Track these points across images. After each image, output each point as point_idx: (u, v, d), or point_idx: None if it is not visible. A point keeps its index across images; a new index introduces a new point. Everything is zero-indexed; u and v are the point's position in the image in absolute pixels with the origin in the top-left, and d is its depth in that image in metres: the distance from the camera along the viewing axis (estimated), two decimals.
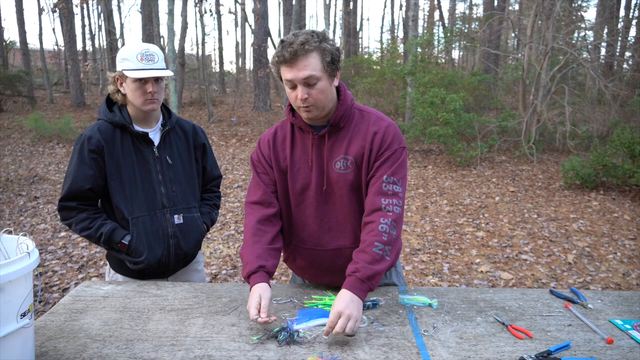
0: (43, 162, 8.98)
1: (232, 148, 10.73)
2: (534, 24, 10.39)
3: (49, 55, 23.45)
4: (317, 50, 1.49)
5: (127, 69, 1.77)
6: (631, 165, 7.00)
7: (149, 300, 1.69)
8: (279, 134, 1.73)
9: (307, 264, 1.77)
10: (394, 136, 1.63)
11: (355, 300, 1.43)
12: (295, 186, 1.68)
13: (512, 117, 10.06)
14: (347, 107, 1.64)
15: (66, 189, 1.80)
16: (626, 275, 4.31)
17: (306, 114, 1.57)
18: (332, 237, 1.69)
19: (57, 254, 4.65)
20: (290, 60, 1.48)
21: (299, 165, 1.67)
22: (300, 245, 1.74)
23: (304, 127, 1.65)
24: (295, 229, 1.73)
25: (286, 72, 1.51)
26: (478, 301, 1.70)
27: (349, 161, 1.62)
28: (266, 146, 1.73)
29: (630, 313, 1.62)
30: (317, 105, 1.55)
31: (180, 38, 14.01)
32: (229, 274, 4.27)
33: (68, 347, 1.37)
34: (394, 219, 1.54)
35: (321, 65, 1.50)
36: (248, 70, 29.73)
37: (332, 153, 1.64)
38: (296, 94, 1.52)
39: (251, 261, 1.58)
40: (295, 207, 1.71)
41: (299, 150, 1.68)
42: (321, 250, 1.71)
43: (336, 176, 1.63)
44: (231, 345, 1.38)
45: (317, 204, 1.68)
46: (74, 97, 15.85)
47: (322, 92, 1.53)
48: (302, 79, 1.49)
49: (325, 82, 1.53)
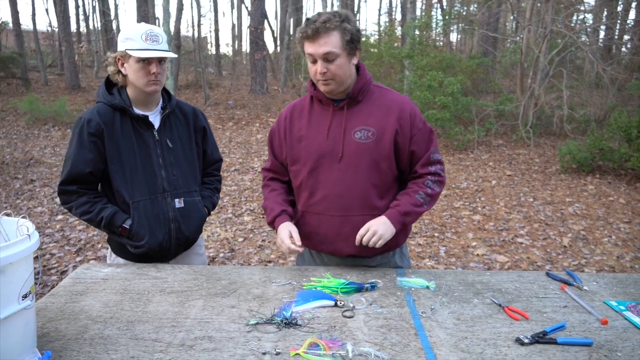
0: (39, 145, 8.93)
1: (229, 131, 10.69)
2: (533, 6, 10.30)
3: (43, 36, 23.10)
4: (337, 29, 1.62)
5: (131, 48, 1.74)
6: (627, 149, 7.03)
7: (148, 282, 1.70)
8: (298, 106, 1.88)
9: (313, 230, 1.83)
10: (418, 112, 1.80)
11: (387, 223, 1.67)
12: (309, 153, 1.78)
13: (509, 101, 10.04)
14: (365, 82, 1.76)
15: (66, 173, 1.79)
16: (620, 258, 4.35)
17: (324, 87, 1.70)
18: (342, 203, 1.76)
19: (55, 236, 4.65)
20: (312, 36, 1.62)
21: (314, 134, 1.78)
22: (308, 211, 1.83)
23: (323, 100, 1.77)
24: (306, 195, 1.82)
25: (308, 47, 1.65)
26: (475, 283, 1.72)
27: (371, 132, 1.73)
28: (283, 119, 1.88)
29: (624, 294, 1.64)
30: (335, 80, 1.67)
31: (175, 19, 13.84)
32: (226, 257, 4.29)
33: (69, 328, 1.38)
34: (438, 179, 1.79)
35: (341, 43, 1.63)
36: (244, 53, 29.44)
37: (352, 123, 1.74)
38: (316, 68, 1.66)
39: (274, 208, 1.84)
40: (308, 174, 1.79)
41: (316, 121, 1.80)
42: (329, 216, 1.78)
43: (355, 145, 1.73)
44: (231, 326, 1.40)
45: (331, 171, 1.76)
46: (69, 79, 15.68)
47: (340, 68, 1.65)
48: (322, 54, 1.62)
49: (343, 59, 1.65)
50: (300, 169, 1.82)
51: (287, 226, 1.78)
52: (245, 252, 4.41)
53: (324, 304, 1.53)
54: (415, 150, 1.77)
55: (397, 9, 29.94)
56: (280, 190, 1.93)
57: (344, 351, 1.27)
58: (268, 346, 1.29)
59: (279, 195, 1.90)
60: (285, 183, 1.95)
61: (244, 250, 4.45)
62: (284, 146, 1.86)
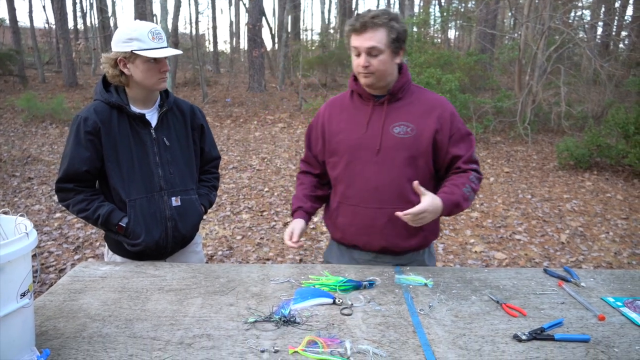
0: (36, 142, 8.91)
1: (227, 129, 10.68)
2: (531, 3, 10.29)
3: (40, 33, 23.00)
4: (385, 26, 1.66)
5: (139, 49, 1.72)
6: (625, 146, 7.04)
7: (147, 280, 1.70)
8: (337, 101, 1.94)
9: (348, 221, 1.86)
10: (457, 113, 1.84)
11: (438, 210, 1.65)
12: (348, 146, 1.82)
13: (507, 98, 10.04)
14: (406, 80, 1.81)
15: (63, 171, 1.79)
16: (618, 254, 4.37)
17: (364, 79, 1.74)
18: (377, 197, 1.79)
19: (53, 235, 4.65)
20: (359, 29, 1.67)
21: (353, 127, 1.82)
22: (344, 202, 1.86)
23: (364, 94, 1.82)
24: (342, 187, 1.86)
25: (354, 40, 1.69)
26: (473, 280, 1.72)
27: (410, 128, 1.76)
28: (322, 113, 1.94)
29: (621, 291, 1.65)
30: (375, 74, 1.71)
31: (173, 16, 13.79)
32: (225, 254, 4.29)
33: (68, 327, 1.39)
34: (478, 177, 1.81)
35: (386, 40, 1.67)
36: (242, 50, 29.37)
37: (391, 118, 1.78)
38: (359, 61, 1.70)
39: (294, 203, 1.97)
40: (345, 166, 1.83)
41: (355, 114, 1.84)
42: (364, 208, 1.81)
43: (393, 140, 1.76)
44: (229, 324, 1.40)
45: (367, 164, 1.79)
46: (66, 76, 15.62)
47: (382, 64, 1.69)
48: (366, 48, 1.67)
49: (387, 56, 1.69)
50: (338, 161, 1.86)
51: (295, 223, 1.90)
52: (243, 250, 4.41)
53: (323, 301, 1.53)
54: (456, 150, 1.79)
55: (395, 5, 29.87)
56: (307, 185, 2.01)
57: (343, 349, 1.27)
58: (266, 344, 1.29)
59: (302, 191, 2.00)
60: (316, 177, 2.03)
61: (242, 248, 4.45)
62: (319, 140, 1.93)
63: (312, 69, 16.63)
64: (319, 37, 21.11)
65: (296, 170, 7.25)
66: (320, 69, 17.04)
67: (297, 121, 11.49)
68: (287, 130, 10.69)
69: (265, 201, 5.81)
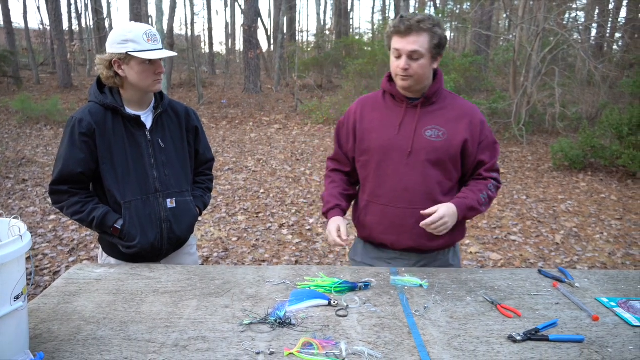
0: (31, 144, 8.87)
1: (223, 130, 10.67)
2: (526, 4, 10.34)
3: (34, 34, 22.90)
4: (428, 31, 1.70)
5: (135, 50, 1.72)
6: (619, 147, 7.08)
7: (142, 282, 1.70)
8: (369, 100, 1.95)
9: (377, 220, 1.89)
10: (486, 121, 1.88)
11: (455, 215, 1.73)
12: (379, 146, 1.84)
13: (502, 99, 10.08)
14: (441, 86, 1.85)
15: (57, 173, 1.78)
16: (612, 255, 4.39)
17: (402, 82, 1.76)
18: (407, 197, 1.82)
19: (47, 237, 4.63)
20: (403, 32, 1.70)
21: (385, 128, 1.84)
22: (373, 201, 1.89)
23: (397, 96, 1.84)
24: (372, 186, 1.89)
25: (397, 42, 1.72)
26: (468, 281, 1.73)
27: (442, 132, 1.80)
28: (353, 112, 1.95)
29: (615, 291, 1.66)
30: (414, 78, 1.74)
31: (168, 18, 13.79)
32: (220, 256, 4.28)
33: (62, 329, 1.38)
34: (497, 185, 1.87)
35: (428, 45, 1.71)
36: (238, 52, 29.36)
37: (424, 122, 1.81)
38: (399, 63, 1.73)
39: (330, 200, 1.96)
40: (376, 165, 1.86)
41: (388, 115, 1.86)
42: (394, 207, 1.84)
43: (425, 142, 1.79)
44: (225, 326, 1.40)
45: (398, 165, 1.82)
46: (61, 78, 15.57)
47: (421, 68, 1.73)
48: (409, 52, 1.70)
49: (426, 61, 1.73)
50: (368, 160, 1.88)
51: (337, 220, 1.90)
52: (239, 251, 4.40)
53: (318, 303, 1.53)
54: (481, 156, 1.85)
55: (391, 7, 29.98)
56: (339, 183, 2.02)
57: (338, 350, 1.27)
58: (262, 346, 1.29)
59: (336, 188, 2.00)
60: (346, 175, 2.04)
61: (237, 249, 4.44)
62: (350, 137, 1.94)
63: (308, 71, 16.66)
64: (315, 39, 21.14)
65: (292, 171, 7.25)
66: (315, 70, 17.07)
67: (292, 122, 11.49)
68: (283, 131, 10.69)
69: (261, 203, 5.81)
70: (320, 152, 8.60)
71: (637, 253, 4.43)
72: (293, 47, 16.72)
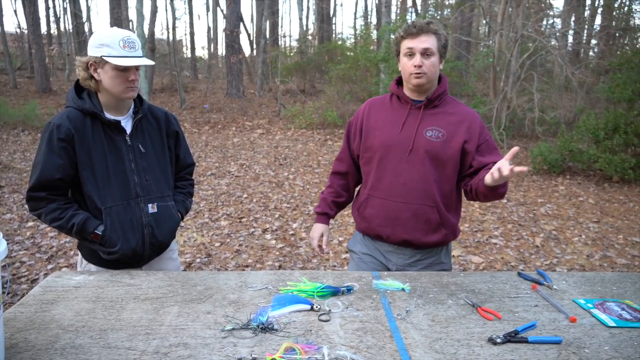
0: (7, 149, 8.69)
1: (205, 135, 10.60)
2: (505, 11, 10.52)
3: (11, 38, 22.48)
4: (435, 33, 1.84)
5: (108, 55, 1.71)
6: (595, 151, 7.23)
7: (122, 289, 1.67)
8: (377, 101, 2.06)
9: (376, 212, 1.99)
10: (485, 126, 1.96)
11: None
12: (382, 143, 1.94)
13: (483, 104, 10.22)
14: (444, 90, 1.95)
15: (35, 179, 1.75)
16: (590, 257, 4.48)
17: (417, 80, 1.85)
18: (404, 192, 1.91)
19: (25, 244, 4.53)
20: (415, 33, 1.83)
21: (389, 127, 1.95)
22: (373, 195, 1.99)
23: (402, 98, 1.96)
24: (373, 180, 1.99)
25: (409, 42, 1.84)
26: (449, 285, 1.74)
27: (441, 133, 1.89)
28: (361, 112, 2.06)
29: (592, 293, 1.69)
30: (427, 74, 1.84)
31: (149, 22, 13.67)
32: (203, 262, 4.25)
33: (39, 338, 1.35)
34: None
35: (437, 45, 1.84)
36: (220, 56, 29.23)
37: (425, 122, 1.91)
38: (413, 62, 1.83)
39: (321, 205, 2.20)
40: (378, 162, 1.96)
41: (392, 115, 1.97)
42: (391, 202, 1.94)
43: (425, 142, 1.89)
44: (206, 332, 1.39)
45: (399, 162, 1.91)
46: (39, 82, 15.30)
47: (433, 66, 1.85)
48: (422, 49, 1.82)
49: (436, 59, 1.86)
50: (372, 156, 1.98)
51: (321, 228, 2.16)
52: (222, 257, 4.37)
53: (300, 308, 1.53)
54: (482, 159, 1.90)
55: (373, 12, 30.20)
56: (335, 188, 2.18)
57: (320, 355, 1.27)
58: (244, 352, 1.29)
59: (331, 195, 2.19)
60: (345, 178, 2.18)
61: (220, 255, 4.41)
62: (357, 135, 2.05)
63: (291, 75, 16.66)
64: (297, 44, 21.17)
65: (275, 176, 7.23)
66: (298, 75, 17.09)
67: (275, 127, 11.48)
68: (266, 136, 10.67)
69: (244, 208, 5.78)
70: (304, 156, 8.61)
71: (614, 255, 4.53)
72: (276, 52, 16.72)
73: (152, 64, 1.87)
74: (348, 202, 2.23)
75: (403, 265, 2.00)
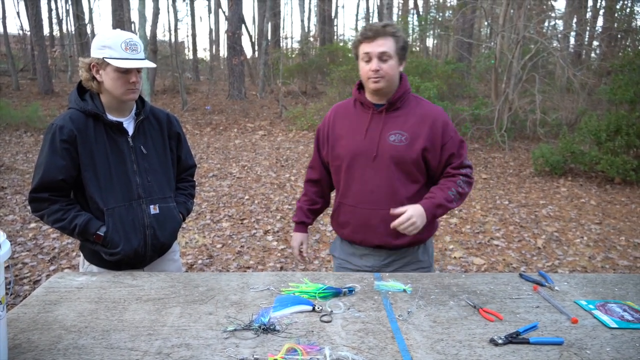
0: (10, 151, 8.71)
1: (207, 137, 10.62)
2: (506, 13, 10.53)
3: (14, 40, 22.55)
4: (393, 35, 1.82)
5: (110, 57, 1.72)
6: (597, 152, 7.22)
7: (124, 290, 1.68)
8: (341, 108, 2.06)
9: (347, 220, 2.01)
10: (450, 123, 1.94)
11: (423, 215, 1.79)
12: (348, 151, 1.95)
13: (484, 105, 10.22)
14: (405, 91, 1.92)
15: (37, 180, 1.75)
16: (592, 259, 4.47)
17: (374, 84, 1.85)
18: (372, 199, 1.92)
19: (27, 245, 4.54)
20: (371, 37, 1.81)
21: (353, 134, 1.94)
22: (344, 203, 2.01)
23: (365, 103, 1.94)
24: (342, 188, 2.01)
25: (366, 46, 1.83)
26: (451, 286, 1.75)
27: (404, 136, 1.88)
28: (327, 119, 2.07)
29: (593, 294, 1.69)
30: (385, 78, 1.83)
31: (152, 24, 13.70)
32: (204, 263, 4.25)
33: (42, 339, 1.36)
34: (468, 180, 1.92)
35: (394, 48, 1.83)
36: (222, 58, 29.29)
37: (388, 127, 1.90)
38: (370, 67, 1.82)
39: (297, 214, 2.21)
40: (346, 169, 1.97)
41: (356, 121, 1.96)
42: (361, 209, 1.95)
43: (388, 147, 1.88)
44: (209, 333, 1.39)
45: (365, 169, 1.92)
46: (42, 84, 15.34)
47: (391, 69, 1.83)
48: (378, 53, 1.81)
49: (394, 62, 1.84)
50: (340, 165, 1.99)
51: (300, 237, 2.20)
52: (223, 258, 4.38)
53: (302, 309, 1.54)
54: (445, 156, 1.91)
55: (374, 14, 30.21)
56: (310, 196, 2.20)
57: (322, 356, 1.27)
58: (246, 352, 1.29)
59: (306, 203, 2.20)
60: (317, 185, 2.18)
61: (222, 256, 4.42)
62: (325, 144, 2.05)
63: (292, 77, 16.69)
64: (299, 45, 21.20)
65: (277, 178, 7.24)
66: (300, 76, 17.10)
67: (277, 129, 11.49)
68: (268, 137, 10.68)
69: (245, 209, 5.79)
70: (305, 158, 8.61)
71: (616, 256, 4.52)
72: (277, 54, 16.74)
73: (153, 66, 1.86)
74: (324, 207, 2.25)
75: (379, 266, 2.02)
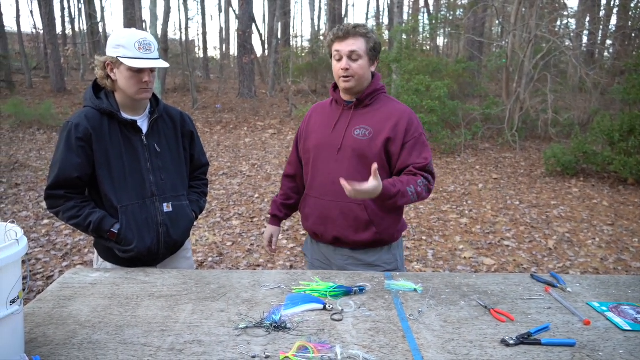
0: (24, 148, 8.82)
1: (217, 135, 10.67)
2: (518, 11, 10.45)
3: (27, 38, 22.79)
4: (364, 36, 1.87)
5: (123, 56, 1.74)
6: (610, 153, 7.15)
7: (137, 287, 1.70)
8: (319, 106, 2.14)
9: (310, 211, 2.06)
10: (418, 122, 1.96)
11: (378, 190, 1.72)
12: (315, 144, 2.02)
13: (495, 105, 10.16)
14: (375, 89, 1.96)
15: (53, 178, 1.78)
16: (604, 260, 4.43)
17: (345, 83, 1.90)
18: (334, 191, 1.93)
19: (41, 241, 4.60)
20: (342, 37, 1.87)
21: (323, 128, 2.02)
22: (309, 195, 2.06)
23: (338, 100, 2.01)
24: (310, 179, 2.06)
25: (337, 45, 1.88)
26: (462, 286, 1.74)
27: (368, 131, 1.92)
28: (307, 116, 2.14)
29: (606, 296, 1.68)
30: (355, 77, 1.87)
31: (163, 23, 13.78)
32: (215, 261, 4.28)
33: (57, 334, 1.38)
34: (428, 185, 1.91)
35: (365, 48, 1.87)
36: (232, 57, 29.37)
37: (354, 122, 1.95)
38: (340, 65, 1.88)
39: (272, 207, 2.29)
40: (313, 161, 2.03)
41: (328, 117, 2.03)
42: (323, 200, 1.99)
43: (352, 141, 1.92)
44: (220, 330, 1.41)
45: (329, 161, 1.97)
46: (54, 82, 15.50)
47: (361, 68, 1.88)
48: (348, 52, 1.86)
49: (365, 62, 1.88)
50: (308, 157, 2.05)
51: (271, 230, 2.28)
52: (233, 256, 4.40)
53: (313, 307, 1.54)
54: (406, 156, 1.91)
55: (385, 13, 30.11)
56: (285, 190, 2.25)
57: (333, 354, 1.28)
58: (257, 350, 1.30)
59: (280, 197, 2.27)
60: (293, 180, 2.23)
61: (232, 254, 4.44)
62: (301, 140, 2.12)
63: (302, 76, 16.68)
64: (309, 44, 21.20)
65: None
66: (310, 75, 17.10)
67: (287, 127, 11.51)
68: (278, 136, 10.71)
69: (255, 207, 5.81)
70: None
71: (629, 258, 4.47)
72: (287, 52, 16.76)
73: (166, 66, 1.87)
74: (298, 203, 2.24)
75: (343, 264, 2.01)
